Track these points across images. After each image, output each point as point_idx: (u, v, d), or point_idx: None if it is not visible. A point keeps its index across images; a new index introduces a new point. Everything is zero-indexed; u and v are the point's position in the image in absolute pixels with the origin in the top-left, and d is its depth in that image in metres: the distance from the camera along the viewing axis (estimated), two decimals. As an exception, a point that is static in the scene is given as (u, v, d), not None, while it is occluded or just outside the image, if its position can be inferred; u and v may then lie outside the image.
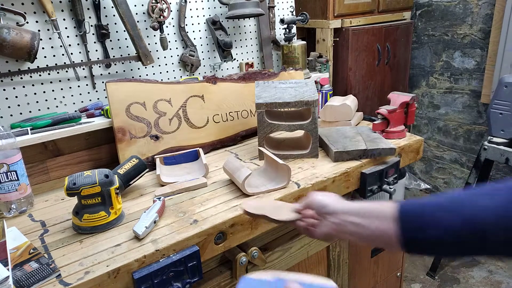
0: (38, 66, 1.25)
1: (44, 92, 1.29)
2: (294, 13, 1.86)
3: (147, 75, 1.49)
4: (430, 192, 2.86)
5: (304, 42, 1.77)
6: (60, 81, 1.31)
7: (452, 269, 2.25)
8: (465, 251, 0.60)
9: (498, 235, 0.54)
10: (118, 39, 1.41)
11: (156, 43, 1.49)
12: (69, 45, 1.31)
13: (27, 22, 1.21)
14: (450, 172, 2.72)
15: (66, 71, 1.31)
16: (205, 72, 1.64)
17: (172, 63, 1.55)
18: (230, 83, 1.48)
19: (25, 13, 1.20)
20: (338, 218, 0.72)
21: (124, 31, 1.37)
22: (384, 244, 0.66)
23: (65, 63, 1.30)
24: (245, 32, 1.74)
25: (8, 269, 0.78)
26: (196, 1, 1.56)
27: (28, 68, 1.24)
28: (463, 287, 2.12)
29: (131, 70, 1.46)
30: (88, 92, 1.38)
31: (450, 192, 0.63)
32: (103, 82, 1.38)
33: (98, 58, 1.37)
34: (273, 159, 1.14)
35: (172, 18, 1.51)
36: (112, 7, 1.35)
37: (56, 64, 1.29)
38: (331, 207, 0.73)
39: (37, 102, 1.28)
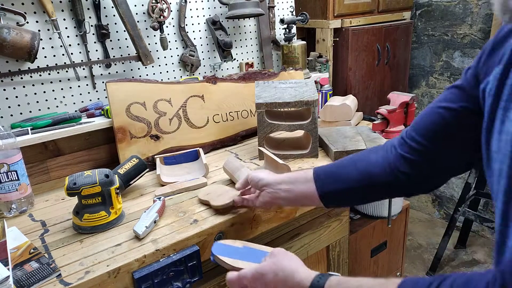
0: (38, 66, 1.25)
1: (44, 92, 1.29)
2: (294, 13, 1.86)
3: (147, 75, 1.50)
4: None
5: (304, 42, 1.77)
6: (60, 81, 1.32)
7: (452, 269, 2.26)
8: (366, 196, 0.79)
9: (382, 180, 0.73)
10: (118, 39, 1.41)
11: (156, 43, 1.49)
12: (69, 45, 1.31)
13: (27, 22, 1.22)
14: (450, 172, 2.72)
15: (66, 71, 1.31)
16: (205, 72, 1.64)
17: (172, 63, 1.55)
18: (230, 83, 1.48)
19: (25, 13, 1.20)
20: (272, 187, 0.85)
21: (124, 31, 1.37)
22: (310, 202, 0.82)
23: (65, 63, 1.30)
24: (245, 32, 1.74)
25: (8, 269, 0.78)
26: (196, 1, 1.56)
27: (28, 68, 1.24)
28: (462, 287, 2.12)
29: (131, 70, 1.46)
30: (88, 92, 1.38)
31: (352, 154, 0.83)
32: (103, 82, 1.38)
33: (98, 58, 1.37)
34: (272, 159, 1.14)
35: (172, 18, 1.51)
36: (112, 7, 1.35)
37: (56, 64, 1.29)
38: (265, 180, 0.86)
39: (37, 102, 1.28)
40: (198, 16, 1.58)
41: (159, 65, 1.52)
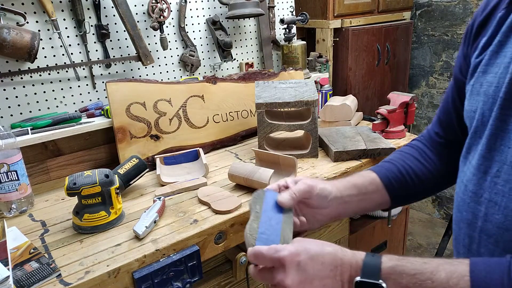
0: (38, 66, 1.25)
1: (44, 92, 1.29)
2: (294, 13, 1.86)
3: (147, 75, 1.50)
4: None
5: (304, 42, 1.77)
6: (60, 81, 1.32)
7: (452, 269, 2.25)
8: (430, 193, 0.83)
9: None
10: (118, 39, 1.41)
11: (156, 43, 1.49)
12: (69, 45, 1.31)
13: (27, 22, 1.22)
14: (450, 172, 2.72)
15: (66, 71, 1.31)
16: (205, 72, 1.64)
17: (172, 63, 1.55)
18: (230, 83, 1.48)
19: (25, 13, 1.20)
20: (342, 200, 0.74)
21: (124, 31, 1.37)
22: (375, 208, 0.79)
23: (65, 63, 1.30)
24: (245, 32, 1.74)
25: (8, 269, 0.78)
26: (196, 1, 1.56)
27: (28, 68, 1.24)
28: (462, 287, 2.12)
29: (131, 70, 1.46)
30: (88, 92, 1.38)
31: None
32: (103, 82, 1.38)
33: (98, 58, 1.37)
34: (265, 156, 1.14)
35: (172, 18, 1.51)
36: (112, 7, 1.35)
37: (56, 64, 1.29)
38: (333, 193, 0.73)
39: (37, 102, 1.28)
40: (198, 16, 1.58)
41: (159, 65, 1.52)
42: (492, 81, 0.58)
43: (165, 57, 1.53)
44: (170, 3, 1.47)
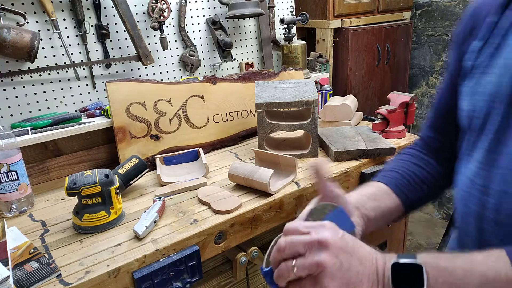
0: (38, 66, 1.25)
1: (44, 92, 1.29)
2: (294, 13, 1.86)
3: (147, 75, 1.50)
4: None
5: (304, 42, 1.77)
6: (60, 81, 1.32)
7: (452, 269, 2.25)
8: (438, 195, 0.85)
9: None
10: (118, 39, 1.41)
11: (156, 43, 1.49)
12: (69, 45, 1.31)
13: (27, 22, 1.22)
14: (450, 172, 2.72)
15: (66, 71, 1.31)
16: (205, 72, 1.64)
17: (172, 63, 1.55)
18: (230, 83, 1.48)
19: (25, 13, 1.20)
20: (361, 210, 0.70)
21: (124, 31, 1.37)
22: (392, 217, 0.76)
23: (65, 63, 1.30)
24: (245, 32, 1.74)
25: (8, 269, 0.78)
26: (196, 1, 1.56)
27: (28, 68, 1.24)
28: (462, 287, 2.12)
29: (131, 70, 1.46)
30: (88, 92, 1.38)
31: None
32: (103, 82, 1.38)
33: (98, 58, 1.37)
34: (265, 156, 1.14)
35: (172, 18, 1.51)
36: (112, 7, 1.35)
37: (56, 64, 1.29)
38: (351, 202, 0.68)
39: (37, 102, 1.28)
40: (198, 16, 1.58)
41: (159, 65, 1.52)
42: (493, 81, 0.61)
43: (165, 57, 1.53)
44: (170, 3, 1.47)
